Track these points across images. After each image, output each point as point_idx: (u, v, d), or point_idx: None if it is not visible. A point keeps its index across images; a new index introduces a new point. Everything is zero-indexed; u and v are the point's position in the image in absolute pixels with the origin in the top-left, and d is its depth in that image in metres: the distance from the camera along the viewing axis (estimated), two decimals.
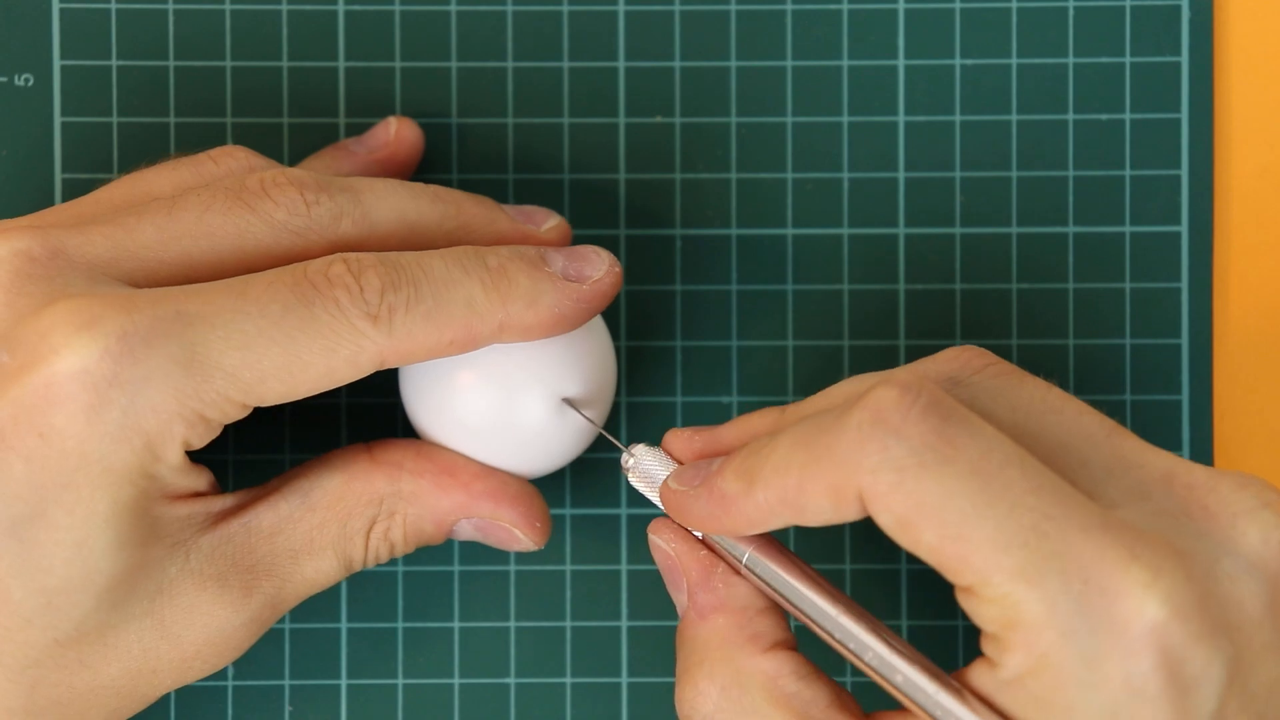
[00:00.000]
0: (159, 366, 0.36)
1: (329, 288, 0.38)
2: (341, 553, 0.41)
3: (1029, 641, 0.34)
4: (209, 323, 0.37)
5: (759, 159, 0.47)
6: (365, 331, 0.38)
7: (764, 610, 0.39)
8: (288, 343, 0.37)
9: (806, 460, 0.36)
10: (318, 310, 0.38)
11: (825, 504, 0.36)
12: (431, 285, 0.39)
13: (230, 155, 0.42)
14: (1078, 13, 0.47)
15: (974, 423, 0.35)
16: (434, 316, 0.39)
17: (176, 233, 0.39)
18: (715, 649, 0.38)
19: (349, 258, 0.38)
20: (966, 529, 0.34)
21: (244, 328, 0.37)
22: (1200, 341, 0.47)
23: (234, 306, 0.37)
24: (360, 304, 0.38)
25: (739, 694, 0.38)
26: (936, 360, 0.38)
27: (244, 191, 0.39)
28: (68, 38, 0.47)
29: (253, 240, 0.39)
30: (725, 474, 0.37)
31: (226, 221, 0.39)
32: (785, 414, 0.40)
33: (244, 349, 0.37)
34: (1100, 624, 0.34)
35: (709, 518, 0.38)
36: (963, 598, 0.35)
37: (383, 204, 0.40)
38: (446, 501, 0.42)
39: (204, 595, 0.39)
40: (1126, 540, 0.34)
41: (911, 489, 0.34)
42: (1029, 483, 0.35)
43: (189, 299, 0.37)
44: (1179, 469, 0.37)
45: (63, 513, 0.37)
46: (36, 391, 0.36)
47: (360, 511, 0.41)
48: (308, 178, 0.40)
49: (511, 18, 0.47)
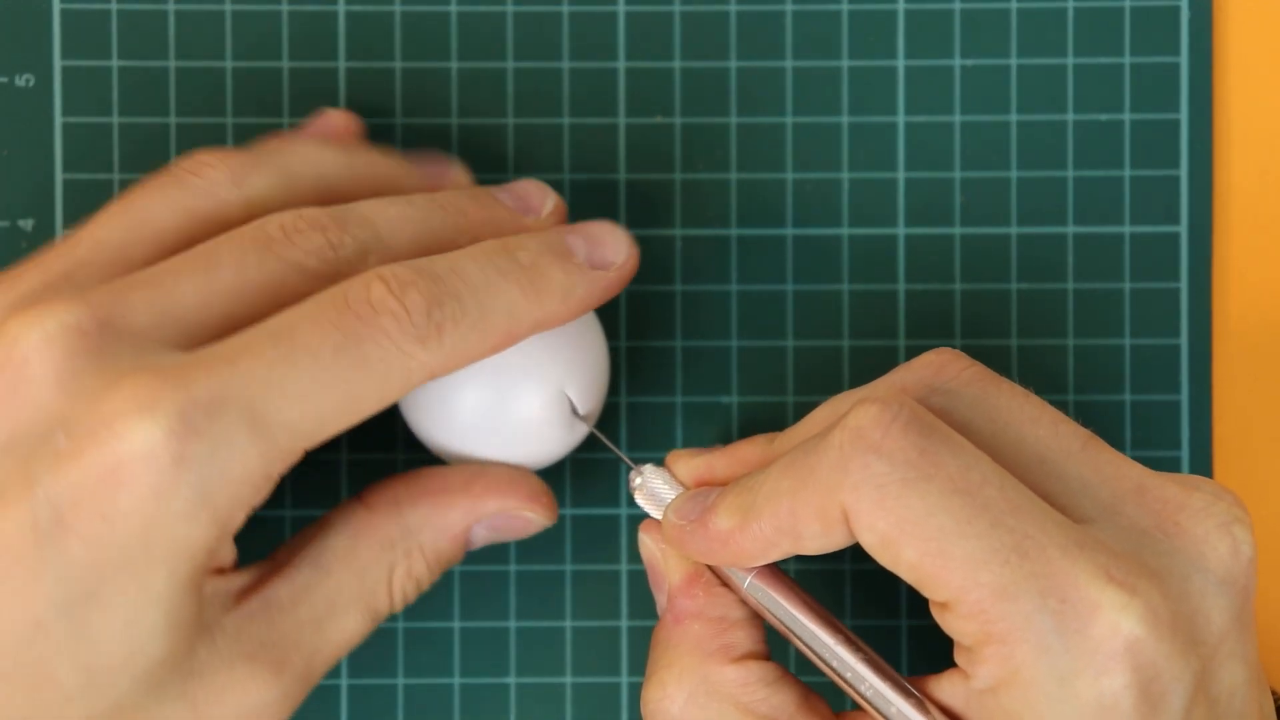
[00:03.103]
0: (224, 437, 0.36)
1: (374, 317, 0.37)
2: (366, 608, 0.41)
3: (1004, 655, 0.35)
4: (264, 381, 0.36)
5: (759, 159, 0.47)
6: (416, 355, 0.37)
7: (740, 622, 0.39)
8: (344, 385, 0.37)
9: (794, 486, 0.36)
10: (368, 347, 0.37)
11: (817, 528, 0.36)
12: (473, 295, 0.38)
13: (209, 166, 0.40)
14: (1077, 13, 0.47)
15: (954, 440, 0.36)
16: (479, 327, 0.38)
17: (217, 291, 0.38)
18: (686, 654, 0.39)
19: (386, 276, 0.37)
20: (947, 545, 0.35)
21: (299, 379, 0.36)
22: (1200, 341, 0.47)
23: (286, 358, 0.36)
24: (409, 329, 0.37)
25: (706, 701, 0.38)
26: (913, 368, 0.39)
27: (272, 242, 0.38)
28: (68, 38, 0.47)
29: (289, 291, 0.38)
30: (719, 511, 0.38)
31: (263, 276, 0.38)
32: (774, 443, 0.40)
33: (302, 400, 0.36)
34: (1075, 641, 0.34)
35: (708, 553, 0.38)
36: (938, 612, 0.36)
37: (400, 232, 0.40)
38: (454, 515, 0.42)
39: (234, 676, 0.39)
40: (1102, 560, 0.35)
41: (893, 506, 0.35)
42: (1008, 502, 0.35)
43: (241, 358, 0.36)
44: (1151, 483, 0.37)
45: (117, 592, 0.36)
46: (100, 475, 0.35)
47: (375, 561, 0.41)
48: (324, 217, 0.39)
49: (511, 18, 0.47)
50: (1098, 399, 0.47)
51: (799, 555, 0.38)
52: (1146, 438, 0.47)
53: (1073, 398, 0.47)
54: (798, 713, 0.38)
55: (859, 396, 0.38)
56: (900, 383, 0.38)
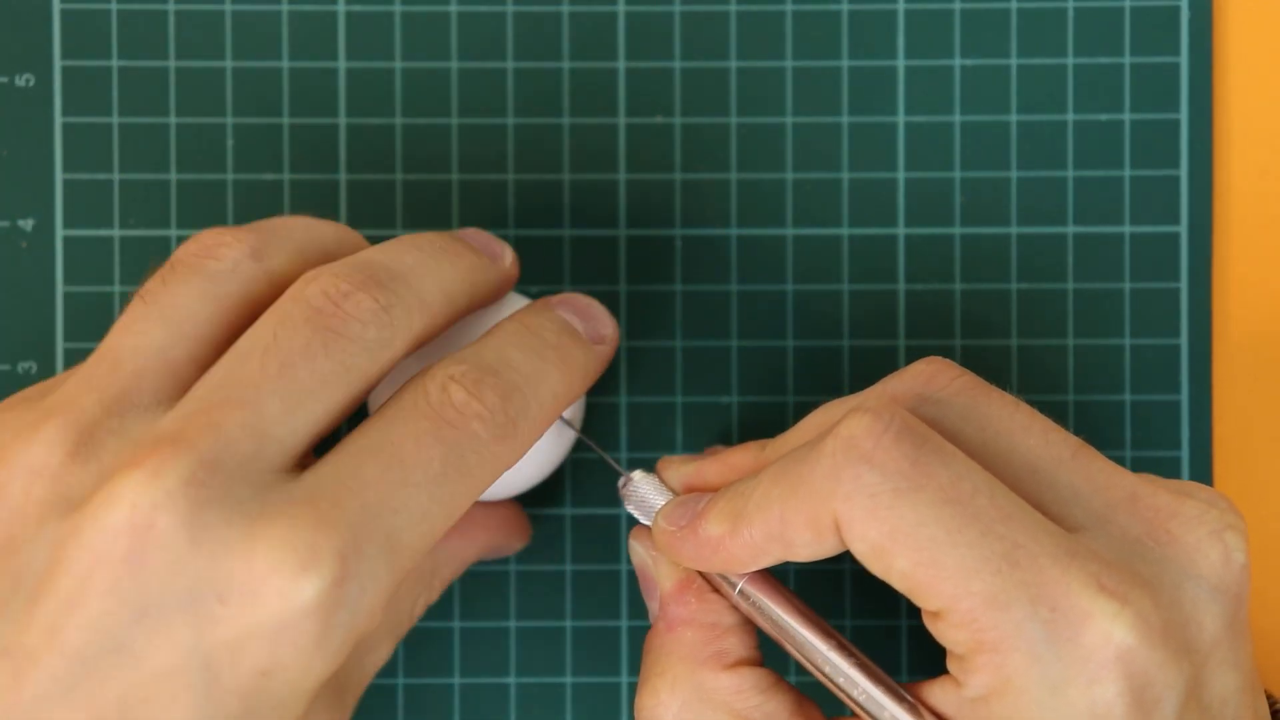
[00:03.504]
0: (369, 575, 0.35)
1: (465, 422, 0.37)
2: (395, 635, 0.42)
3: (995, 664, 0.35)
4: (390, 508, 0.36)
5: (759, 159, 0.47)
6: (500, 454, 0.37)
7: (733, 628, 0.39)
8: (452, 499, 0.37)
9: (785, 494, 0.36)
10: (468, 454, 0.37)
11: (808, 536, 0.36)
12: (530, 386, 0.38)
13: (225, 246, 0.39)
14: (1077, 13, 0.47)
15: (945, 449, 0.36)
16: (537, 417, 0.38)
17: (298, 395, 0.36)
18: (679, 661, 0.39)
19: (458, 377, 0.37)
20: (939, 555, 0.35)
21: (419, 501, 0.36)
22: (1200, 341, 0.47)
23: (401, 480, 0.36)
24: (494, 428, 0.37)
25: (700, 708, 0.38)
26: (904, 377, 0.39)
27: (326, 318, 0.37)
28: (68, 38, 0.47)
29: (359, 373, 0.37)
30: (709, 517, 0.38)
31: (334, 363, 0.37)
32: (765, 450, 0.40)
33: (423, 521, 0.36)
34: (1066, 650, 0.34)
35: (699, 559, 0.39)
36: (930, 621, 0.36)
37: (429, 282, 0.39)
38: (471, 549, 0.44)
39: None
40: (1094, 569, 0.35)
41: (885, 516, 0.35)
42: (999, 511, 0.35)
43: (362, 488, 0.36)
44: (1143, 490, 0.37)
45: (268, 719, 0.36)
46: (260, 635, 0.34)
47: (409, 596, 0.42)
48: (362, 278, 0.38)
49: (511, 18, 0.47)
50: (1098, 399, 0.47)
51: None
52: (1146, 438, 0.47)
53: (1073, 398, 0.47)
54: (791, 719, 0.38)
55: (851, 405, 0.38)
56: (891, 392, 0.38)
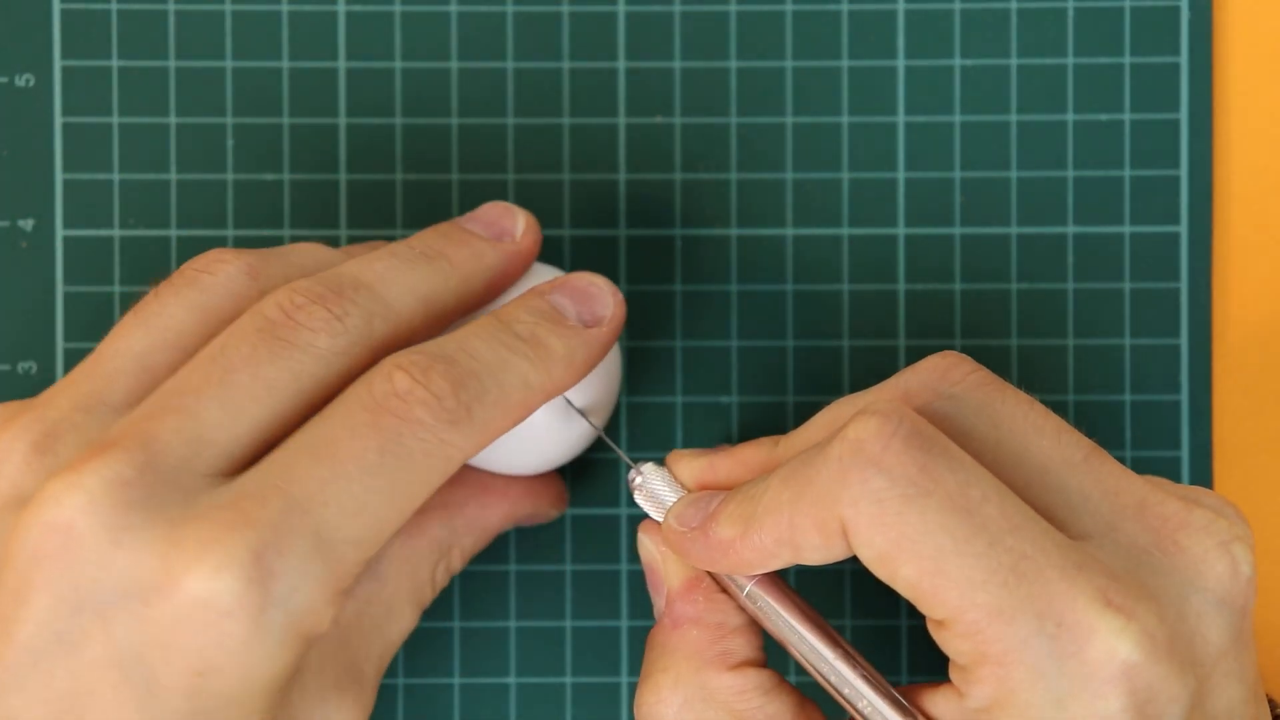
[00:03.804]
0: (298, 570, 0.35)
1: (406, 409, 0.37)
2: (416, 603, 0.42)
3: (999, 676, 0.35)
4: (319, 501, 0.36)
5: (759, 159, 0.47)
6: (452, 440, 0.37)
7: (739, 629, 0.39)
8: (393, 489, 0.36)
9: (794, 498, 0.36)
10: (408, 441, 0.36)
11: (817, 540, 0.36)
12: (490, 373, 0.38)
13: (221, 262, 0.40)
14: (1077, 13, 0.47)
15: (954, 453, 0.35)
16: (500, 404, 0.38)
17: (240, 401, 0.37)
18: (683, 659, 0.39)
19: (403, 364, 0.37)
20: (945, 564, 0.35)
21: (353, 493, 0.36)
22: (1200, 342, 0.47)
23: (333, 474, 0.36)
24: (442, 414, 0.37)
25: (702, 708, 0.38)
26: (918, 371, 0.38)
27: (277, 327, 0.38)
28: (68, 38, 0.47)
29: (309, 378, 0.37)
30: (720, 520, 0.38)
31: (280, 370, 0.37)
32: (779, 446, 0.40)
33: (359, 513, 0.36)
34: (1071, 665, 0.34)
35: (708, 561, 0.38)
36: (935, 629, 0.36)
37: (396, 290, 0.39)
38: (495, 517, 0.44)
39: (329, 706, 0.39)
40: (1100, 583, 0.35)
41: (892, 522, 0.35)
42: (1007, 520, 0.35)
43: (289, 484, 0.36)
44: (1152, 498, 0.37)
45: (225, 717, 0.36)
46: (186, 635, 0.35)
47: (425, 561, 0.42)
48: (321, 288, 0.38)
49: (511, 18, 0.47)
50: (1098, 399, 0.47)
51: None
52: (1146, 438, 0.47)
53: (1073, 398, 0.47)
54: None
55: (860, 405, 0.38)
56: (905, 386, 0.38)
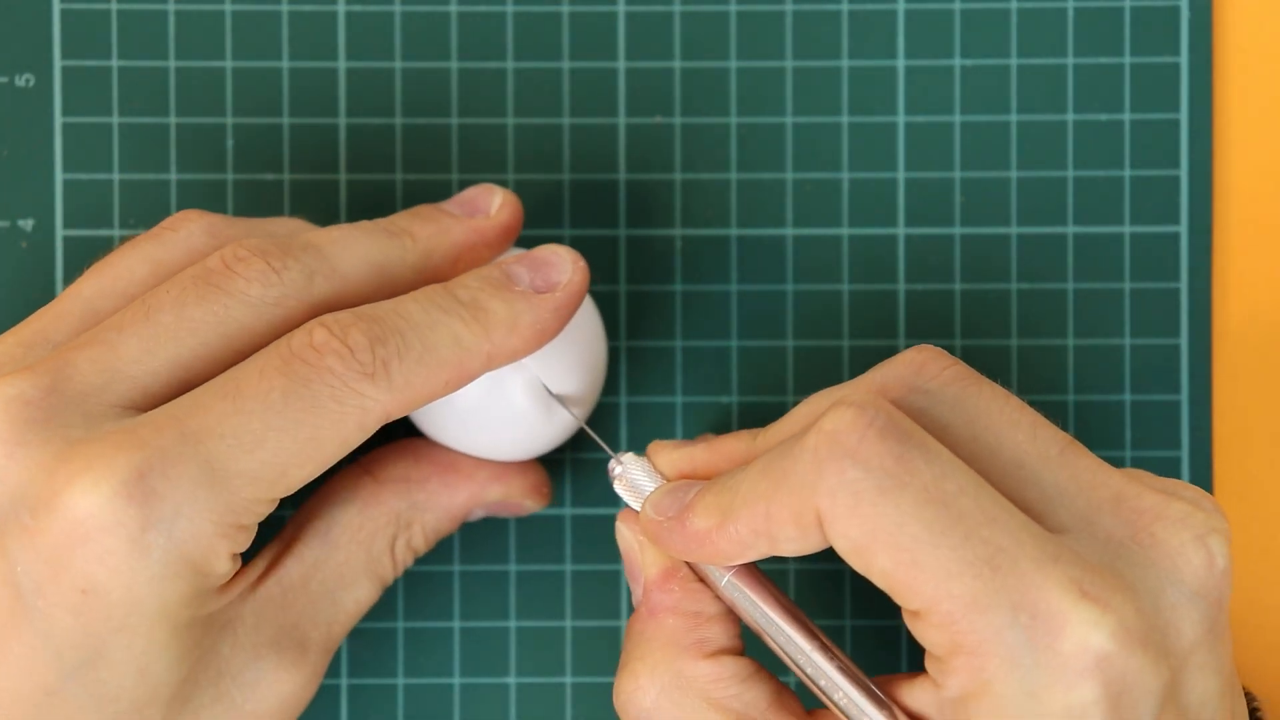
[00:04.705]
0: (184, 496, 0.36)
1: (319, 359, 0.37)
2: (373, 575, 0.42)
3: (974, 667, 0.35)
4: (215, 433, 0.36)
5: (759, 159, 0.47)
6: (366, 392, 0.37)
7: (715, 617, 0.39)
8: (296, 429, 0.37)
9: (770, 489, 0.36)
10: (316, 386, 0.37)
11: (793, 532, 0.36)
12: (415, 331, 0.38)
13: (186, 220, 0.41)
14: (1077, 13, 0.47)
15: (930, 446, 0.35)
16: (426, 361, 0.38)
17: (159, 337, 0.38)
18: (660, 648, 0.39)
19: (327, 320, 0.38)
20: (920, 555, 0.35)
21: (250, 427, 0.36)
22: (1200, 341, 0.47)
23: (234, 408, 0.36)
24: (354, 365, 0.37)
25: (679, 696, 0.38)
26: (894, 365, 0.38)
27: (211, 275, 0.38)
28: (68, 38, 0.47)
29: (235, 324, 0.38)
30: (697, 510, 0.38)
31: (205, 312, 0.38)
32: (757, 438, 0.40)
33: (257, 448, 0.36)
34: (1045, 656, 0.34)
35: (685, 551, 0.38)
36: (910, 620, 0.36)
37: (346, 254, 0.40)
38: (459, 498, 0.43)
39: (264, 665, 0.39)
40: (1075, 574, 0.35)
41: (867, 513, 0.35)
42: (983, 512, 0.35)
43: (188, 415, 0.36)
44: (1129, 491, 0.37)
45: (121, 650, 0.37)
46: (69, 550, 0.36)
47: (381, 533, 0.42)
48: (267, 244, 0.39)
49: (511, 18, 0.47)
50: (1098, 399, 0.47)
51: (800, 556, 0.38)
52: (1146, 438, 0.47)
53: (1073, 398, 0.47)
54: (769, 710, 0.38)
55: (836, 397, 0.38)
56: (881, 381, 0.38)
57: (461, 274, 0.40)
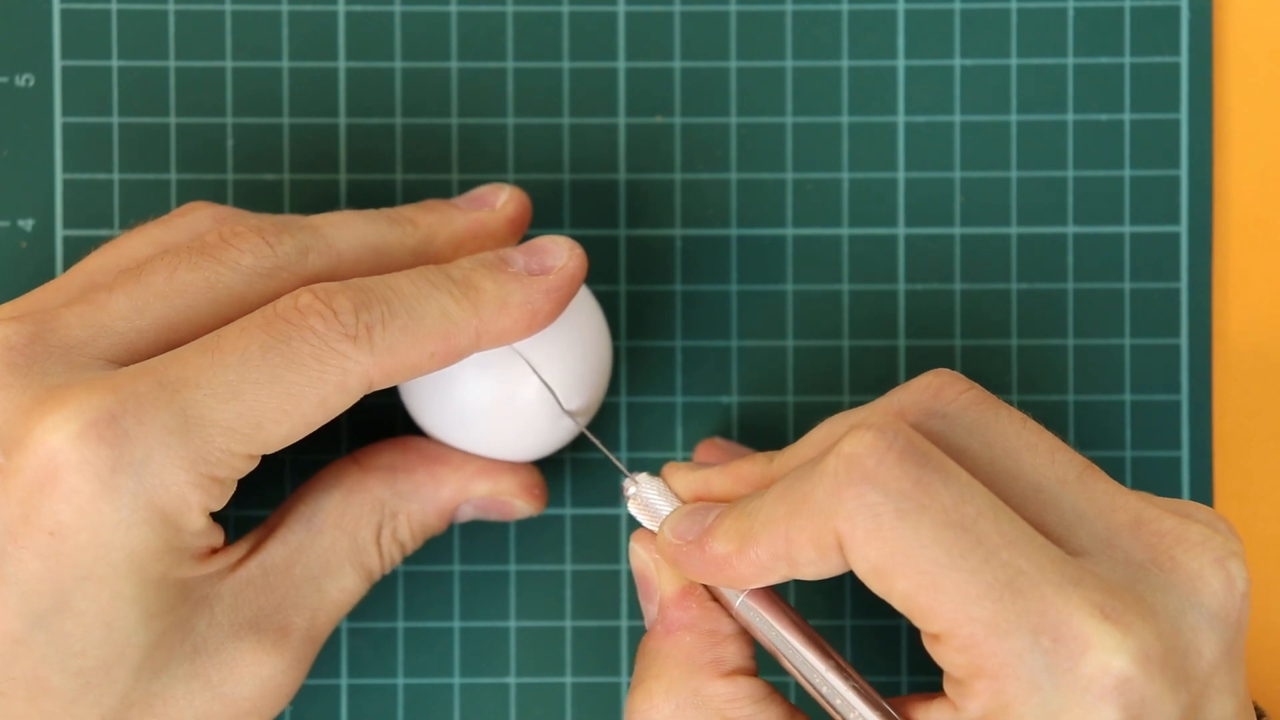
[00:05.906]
0: (156, 441, 0.36)
1: (301, 318, 0.37)
2: (359, 565, 0.42)
3: (994, 690, 0.35)
4: (192, 383, 0.36)
5: (759, 159, 0.47)
6: (348, 353, 0.37)
7: (731, 637, 0.39)
8: (273, 383, 0.37)
9: (789, 513, 0.36)
10: (296, 343, 0.37)
11: (813, 555, 0.36)
12: (402, 301, 0.38)
13: (195, 209, 0.41)
14: (1077, 13, 0.47)
15: (949, 469, 0.35)
16: (411, 330, 0.38)
17: (148, 298, 0.38)
18: (676, 666, 0.39)
19: (315, 287, 0.38)
20: (940, 579, 0.34)
21: (227, 379, 0.37)
22: (1200, 341, 0.47)
23: (211, 361, 0.37)
24: (336, 327, 0.37)
25: (693, 714, 0.38)
26: (911, 390, 0.38)
27: (207, 246, 0.39)
28: (68, 38, 0.47)
29: (225, 290, 0.39)
30: (716, 535, 0.38)
31: (196, 277, 0.38)
32: (774, 462, 0.40)
33: (233, 399, 0.37)
34: (1066, 679, 0.34)
35: (704, 574, 0.38)
36: (929, 643, 0.36)
37: (344, 233, 0.40)
38: (445, 491, 0.43)
39: (242, 645, 0.39)
40: (1097, 598, 0.35)
41: (888, 536, 0.35)
42: (1002, 535, 0.35)
43: (166, 367, 0.37)
44: (1148, 514, 0.37)
45: (87, 600, 0.37)
46: (39, 490, 0.36)
47: (366, 521, 0.42)
48: (266, 221, 0.40)
49: (511, 18, 0.47)
50: (1098, 399, 0.47)
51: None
52: (1146, 438, 0.47)
53: (1073, 398, 0.47)
54: None
55: (854, 421, 0.38)
56: (898, 405, 0.38)
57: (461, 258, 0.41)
